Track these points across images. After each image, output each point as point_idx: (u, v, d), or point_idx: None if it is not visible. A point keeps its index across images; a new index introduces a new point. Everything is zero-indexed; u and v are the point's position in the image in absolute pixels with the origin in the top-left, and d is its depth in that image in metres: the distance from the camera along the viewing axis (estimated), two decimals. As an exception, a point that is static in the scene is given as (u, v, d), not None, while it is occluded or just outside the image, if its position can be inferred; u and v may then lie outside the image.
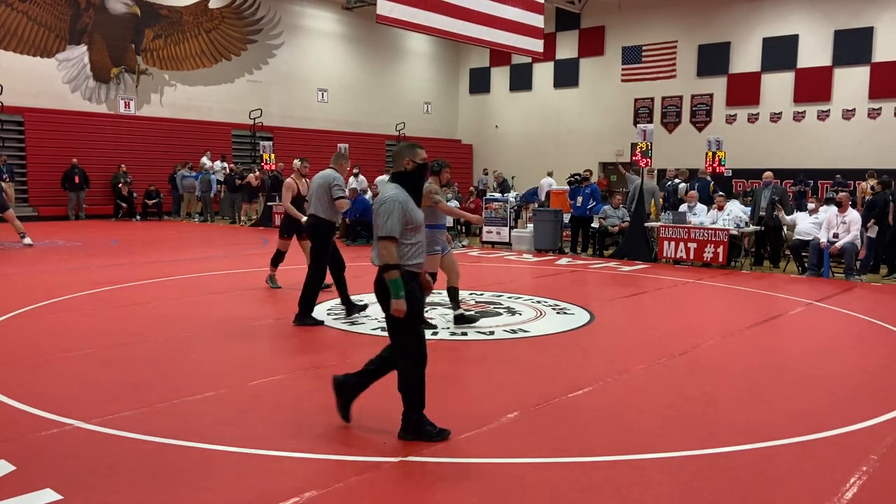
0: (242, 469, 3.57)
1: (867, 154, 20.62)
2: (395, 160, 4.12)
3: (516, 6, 18.19)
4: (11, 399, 4.49)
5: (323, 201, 6.92)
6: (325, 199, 6.90)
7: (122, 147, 20.67)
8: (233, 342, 6.18)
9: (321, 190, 6.94)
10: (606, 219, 13.49)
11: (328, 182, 6.92)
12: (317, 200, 6.96)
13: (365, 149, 24.73)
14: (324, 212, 6.92)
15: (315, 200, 6.98)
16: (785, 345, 6.52)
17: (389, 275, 3.80)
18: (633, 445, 3.92)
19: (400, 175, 4.05)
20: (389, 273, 3.80)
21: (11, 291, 8.33)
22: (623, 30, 25.62)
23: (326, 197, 6.90)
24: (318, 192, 6.96)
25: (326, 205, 6.91)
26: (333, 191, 6.91)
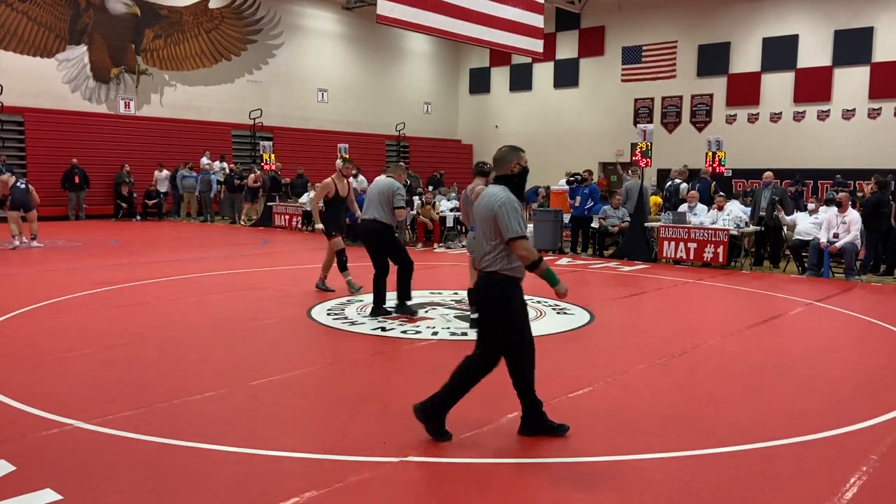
0: (242, 469, 3.57)
1: (867, 154, 20.63)
2: (500, 164, 4.03)
3: (516, 6, 18.19)
4: (11, 399, 4.49)
5: (385, 207, 7.13)
6: (388, 205, 7.12)
7: (122, 147, 20.67)
8: (233, 342, 6.18)
9: (383, 196, 7.15)
10: (606, 219, 13.49)
11: (392, 190, 7.14)
12: (378, 206, 7.15)
13: (365, 149, 24.73)
14: (385, 217, 7.15)
15: (376, 205, 7.16)
16: (785, 345, 6.52)
17: (539, 269, 3.84)
18: (633, 445, 3.92)
19: (507, 178, 3.99)
20: (539, 267, 3.83)
21: (11, 291, 8.33)
22: (623, 30, 25.63)
23: (389, 204, 7.13)
24: (379, 198, 7.17)
25: (389, 211, 7.13)
26: (395, 199, 7.16)
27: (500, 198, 3.84)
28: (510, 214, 3.78)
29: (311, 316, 7.29)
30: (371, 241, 7.24)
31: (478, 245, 3.94)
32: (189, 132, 22.15)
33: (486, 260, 3.88)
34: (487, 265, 3.88)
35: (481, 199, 3.98)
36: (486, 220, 3.87)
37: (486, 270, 3.89)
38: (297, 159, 22.34)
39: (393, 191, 7.16)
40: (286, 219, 18.05)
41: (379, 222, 7.13)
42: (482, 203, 3.93)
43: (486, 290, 3.91)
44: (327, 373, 5.37)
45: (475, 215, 4.00)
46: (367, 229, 7.22)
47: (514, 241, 3.78)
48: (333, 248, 8.48)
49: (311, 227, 17.44)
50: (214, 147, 22.35)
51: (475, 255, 4.03)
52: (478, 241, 3.95)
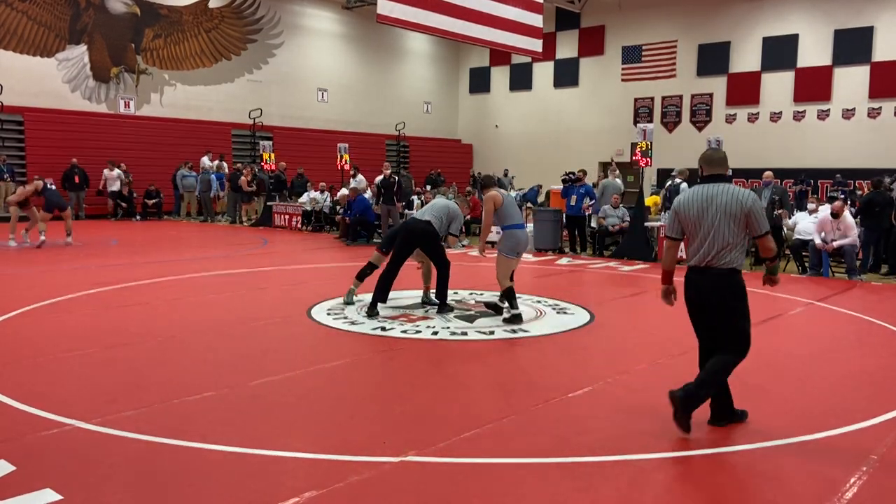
0: (242, 469, 3.57)
1: (867, 154, 20.63)
2: (714, 164, 4.24)
3: (516, 6, 18.19)
4: (11, 399, 4.49)
5: (443, 220, 7.53)
6: (446, 220, 7.53)
7: (122, 147, 20.66)
8: (233, 342, 6.18)
9: (444, 212, 7.58)
10: (606, 219, 13.49)
11: (455, 214, 7.61)
12: (437, 217, 7.53)
13: (365, 149, 24.72)
14: (439, 226, 7.53)
15: (436, 215, 7.54)
16: (785, 345, 6.51)
17: (776, 260, 4.28)
18: (633, 445, 3.92)
19: (725, 178, 4.24)
20: (775, 260, 4.25)
21: (11, 291, 8.33)
22: (623, 29, 25.63)
23: (447, 220, 7.55)
24: (440, 212, 7.58)
25: (445, 224, 7.54)
26: (453, 226, 7.62)
27: (749, 196, 4.06)
28: (761, 212, 4.09)
29: (311, 316, 7.29)
30: (420, 238, 7.46)
31: (711, 242, 4.07)
32: (189, 132, 22.15)
33: (727, 256, 4.07)
34: (728, 261, 4.07)
35: (717, 198, 4.09)
36: (734, 217, 4.04)
37: (724, 266, 4.07)
38: (297, 159, 22.34)
39: (455, 215, 7.63)
40: (286, 219, 18.05)
41: (433, 226, 7.45)
42: (722, 201, 4.07)
43: (734, 284, 4.11)
44: (327, 373, 5.37)
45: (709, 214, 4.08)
46: (421, 229, 7.46)
47: (764, 236, 4.09)
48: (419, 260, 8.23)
49: (312, 227, 17.46)
50: (214, 147, 22.35)
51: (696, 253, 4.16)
52: (713, 238, 4.07)
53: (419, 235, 7.48)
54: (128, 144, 20.79)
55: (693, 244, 4.19)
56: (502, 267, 7.17)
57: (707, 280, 4.11)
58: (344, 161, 18.82)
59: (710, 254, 4.08)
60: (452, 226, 7.59)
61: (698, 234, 4.13)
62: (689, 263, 4.23)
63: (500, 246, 7.22)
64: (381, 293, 7.37)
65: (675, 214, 4.29)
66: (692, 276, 4.21)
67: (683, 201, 4.23)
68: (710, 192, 4.14)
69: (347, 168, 18.45)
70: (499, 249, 7.25)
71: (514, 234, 7.17)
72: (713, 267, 4.08)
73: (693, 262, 4.18)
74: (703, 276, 4.12)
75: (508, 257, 7.16)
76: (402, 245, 7.51)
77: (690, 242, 4.23)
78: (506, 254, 7.16)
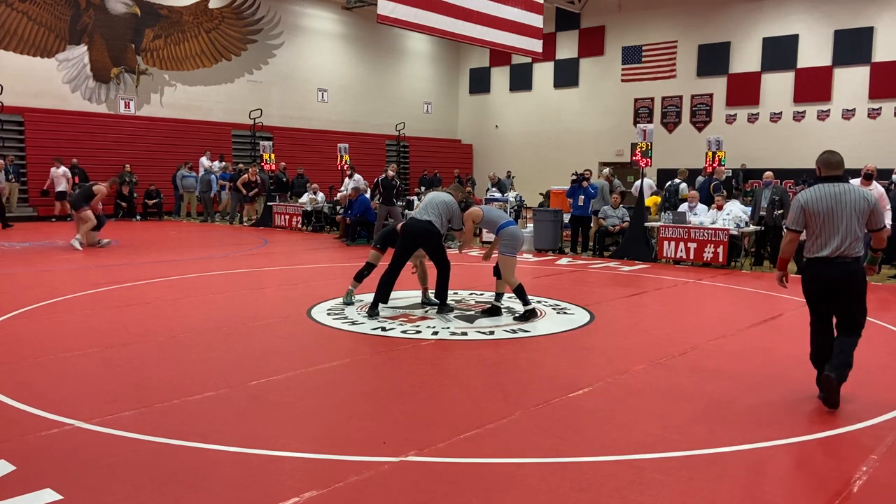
0: (242, 469, 3.57)
1: (867, 154, 20.58)
2: (832, 166, 4.69)
3: (516, 6, 18.20)
4: (11, 399, 4.49)
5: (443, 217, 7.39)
6: (445, 217, 7.41)
7: (123, 147, 20.68)
8: (233, 342, 6.18)
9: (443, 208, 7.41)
10: (606, 219, 13.49)
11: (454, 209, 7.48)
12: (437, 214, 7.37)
13: (365, 149, 24.75)
14: (440, 224, 7.38)
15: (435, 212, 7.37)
16: (785, 345, 6.51)
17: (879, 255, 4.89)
18: (633, 445, 3.92)
19: (840, 178, 4.66)
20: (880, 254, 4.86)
21: (11, 291, 8.33)
22: (623, 30, 25.64)
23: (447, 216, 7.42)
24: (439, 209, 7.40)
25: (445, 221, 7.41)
26: (455, 220, 7.52)
27: (871, 194, 4.57)
28: (879, 208, 4.59)
29: (311, 316, 7.29)
30: (422, 238, 7.36)
31: (843, 235, 4.50)
32: (189, 132, 22.16)
33: (856, 246, 4.52)
34: (857, 251, 4.52)
35: (846, 196, 4.53)
36: (862, 212, 4.51)
37: (854, 256, 4.51)
38: (297, 159, 22.35)
39: (454, 211, 7.50)
40: (286, 219, 18.05)
41: (434, 226, 7.32)
42: (851, 198, 4.51)
43: (860, 271, 4.58)
44: (327, 373, 5.37)
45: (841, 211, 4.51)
46: (423, 228, 7.33)
47: (881, 230, 4.61)
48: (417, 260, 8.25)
49: (312, 227, 17.45)
50: (214, 147, 22.36)
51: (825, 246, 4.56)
52: (847, 232, 4.50)
53: (420, 235, 7.39)
54: (128, 145, 20.80)
55: (820, 238, 4.55)
56: (508, 267, 7.29)
57: (839, 269, 4.52)
58: (344, 161, 18.84)
59: (843, 246, 4.50)
60: (453, 221, 7.51)
61: (827, 228, 4.52)
62: (816, 255, 4.57)
63: (502, 248, 7.36)
64: (383, 293, 7.35)
65: (801, 210, 4.61)
66: (820, 267, 4.57)
67: (813, 199, 4.58)
68: (837, 190, 4.57)
69: (346, 168, 18.45)
70: (500, 252, 7.36)
71: (510, 232, 7.35)
72: (846, 257, 4.50)
73: (822, 253, 4.54)
74: (835, 266, 4.52)
75: (511, 256, 7.30)
76: (404, 246, 7.45)
77: (814, 236, 4.59)
78: (508, 253, 7.30)
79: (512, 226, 7.43)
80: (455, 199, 7.57)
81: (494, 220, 7.49)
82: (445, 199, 7.53)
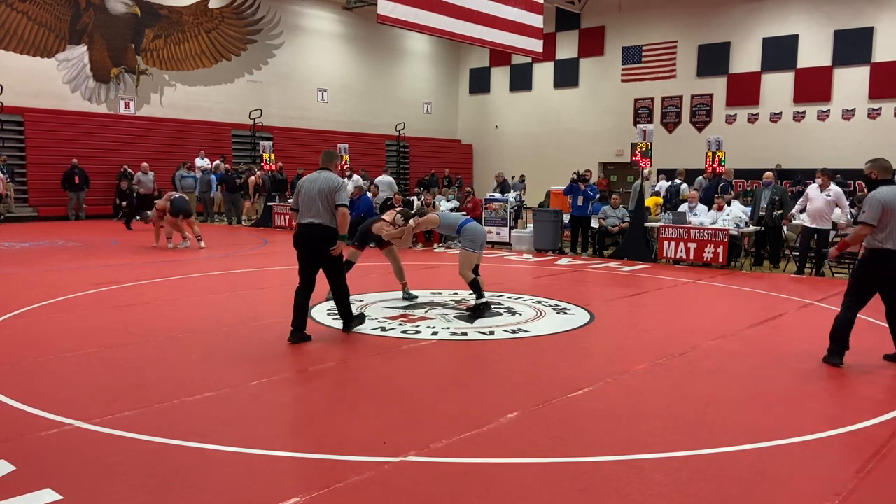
0: (242, 469, 3.57)
1: (867, 154, 20.38)
2: (888, 170, 5.55)
3: (516, 6, 18.20)
4: (11, 399, 4.49)
5: (329, 208, 6.11)
6: (332, 205, 6.11)
7: (122, 147, 20.67)
8: (233, 342, 6.17)
9: (325, 197, 6.08)
10: (606, 219, 13.49)
11: (334, 186, 6.11)
12: (323, 208, 6.09)
13: (365, 149, 24.75)
14: (331, 220, 6.14)
15: (321, 207, 6.09)
16: (785, 345, 6.51)
17: None
18: (633, 445, 3.92)
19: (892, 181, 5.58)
20: None
21: (11, 291, 8.33)
22: (623, 30, 25.64)
23: (332, 203, 6.10)
24: (323, 200, 6.07)
25: (333, 212, 6.13)
26: (338, 196, 6.10)
27: None
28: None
29: (311, 316, 7.29)
30: (317, 249, 6.18)
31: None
32: (189, 132, 22.15)
33: None
34: None
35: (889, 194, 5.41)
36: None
37: None
38: (297, 159, 22.34)
39: (335, 187, 6.10)
40: (286, 219, 18.04)
41: (324, 227, 6.11)
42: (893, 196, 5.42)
43: None
44: (327, 373, 5.37)
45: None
46: (320, 235, 6.11)
47: None
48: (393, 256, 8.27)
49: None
50: (214, 147, 22.35)
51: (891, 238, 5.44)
52: None
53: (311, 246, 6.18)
54: (128, 145, 20.80)
55: (885, 231, 5.42)
56: (465, 262, 7.44)
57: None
58: (343, 161, 18.83)
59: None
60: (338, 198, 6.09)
61: (892, 224, 5.39)
62: (885, 247, 5.43)
63: (463, 244, 7.50)
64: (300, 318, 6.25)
65: (882, 207, 5.40)
66: (888, 258, 5.44)
67: (888, 198, 5.41)
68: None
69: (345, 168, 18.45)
70: (462, 247, 7.51)
71: (470, 229, 7.47)
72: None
73: (888, 245, 5.42)
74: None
75: (471, 251, 7.44)
76: (300, 260, 6.35)
77: (887, 230, 5.41)
78: (468, 249, 7.44)
79: (470, 223, 7.55)
80: (334, 173, 6.24)
81: (452, 223, 7.60)
82: (323, 185, 6.09)
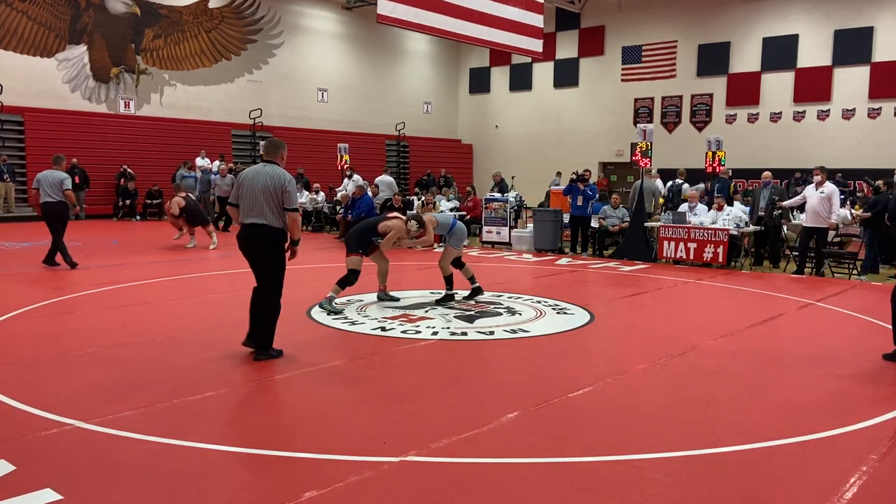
0: (242, 469, 3.57)
1: (867, 154, 20.63)
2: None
3: (516, 6, 18.20)
4: (11, 399, 4.49)
5: (275, 208, 5.45)
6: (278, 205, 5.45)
7: (123, 147, 20.67)
8: (233, 342, 6.17)
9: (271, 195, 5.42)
10: (606, 219, 13.49)
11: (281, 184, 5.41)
12: (268, 208, 5.44)
13: (365, 149, 24.74)
14: (277, 221, 5.48)
15: (265, 206, 5.43)
16: (785, 345, 6.51)
17: None
18: (633, 445, 3.92)
19: None
20: None
21: (11, 291, 8.33)
22: (623, 30, 25.63)
23: (279, 202, 5.45)
24: (267, 197, 5.41)
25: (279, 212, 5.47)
26: (286, 198, 5.41)
27: None
28: None
29: (310, 316, 7.30)
30: (261, 250, 5.59)
31: None
32: (189, 132, 22.14)
33: None
34: None
35: None
36: None
37: None
38: (297, 159, 22.33)
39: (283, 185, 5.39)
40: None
41: (270, 229, 5.46)
42: None
43: None
44: (327, 373, 5.37)
45: None
46: (260, 237, 5.48)
47: None
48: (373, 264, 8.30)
49: (310, 227, 17.46)
50: (214, 147, 22.34)
51: None
52: None
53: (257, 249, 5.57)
54: (128, 145, 20.79)
55: None
56: (449, 256, 8.05)
57: None
58: (344, 161, 18.83)
59: None
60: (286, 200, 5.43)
61: None
62: None
63: (451, 241, 8.11)
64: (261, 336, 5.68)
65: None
66: None
67: None
68: None
69: (345, 168, 18.44)
70: (449, 243, 8.12)
71: (459, 230, 8.19)
72: None
73: None
74: None
75: (457, 249, 8.11)
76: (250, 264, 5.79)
77: None
78: (455, 246, 8.09)
79: (459, 224, 8.29)
80: (280, 166, 5.59)
81: (446, 224, 8.24)
82: (268, 183, 5.40)
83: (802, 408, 4.69)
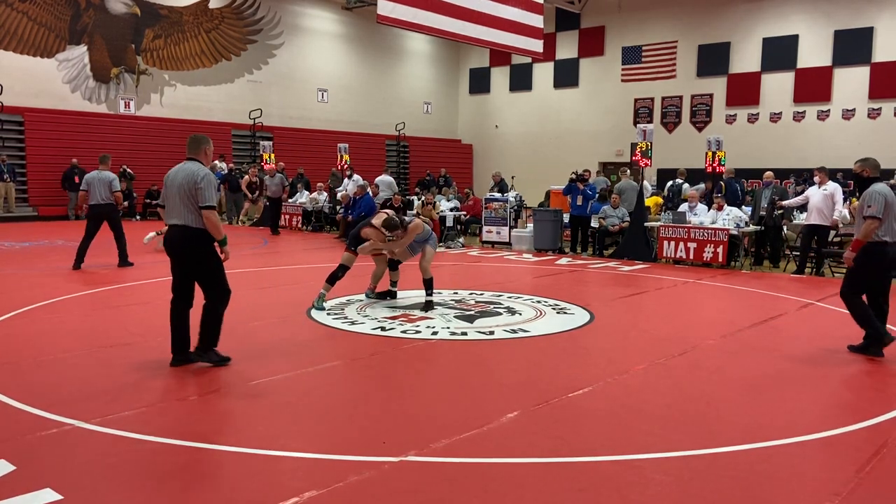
0: (242, 469, 3.57)
1: (867, 154, 20.50)
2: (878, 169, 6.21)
3: (516, 6, 18.20)
4: (11, 399, 4.49)
5: (191, 206, 5.16)
6: (193, 204, 5.16)
7: (123, 147, 20.65)
8: (233, 342, 6.17)
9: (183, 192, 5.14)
10: (606, 219, 13.49)
11: (194, 181, 5.11)
12: (185, 207, 5.15)
13: (365, 149, 24.75)
14: (195, 221, 5.17)
15: (181, 206, 5.15)
16: (785, 345, 6.51)
17: None
18: (633, 445, 3.92)
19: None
20: None
21: (11, 291, 8.33)
22: (623, 30, 25.64)
23: (193, 202, 5.15)
24: (180, 194, 5.14)
25: (196, 211, 5.17)
26: (200, 195, 5.09)
27: None
28: None
29: (310, 316, 7.30)
30: (184, 256, 5.25)
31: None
32: (189, 132, 21.89)
33: None
34: None
35: None
36: None
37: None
38: (297, 159, 22.35)
39: (195, 181, 5.08)
40: (286, 219, 18.04)
41: (189, 231, 5.14)
42: None
43: None
44: (327, 373, 5.37)
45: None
46: (179, 239, 5.17)
47: None
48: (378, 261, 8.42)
49: (312, 227, 17.46)
50: (214, 147, 22.23)
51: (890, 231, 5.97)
52: None
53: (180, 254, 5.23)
54: (128, 145, 20.79)
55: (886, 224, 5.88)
56: (429, 258, 8.05)
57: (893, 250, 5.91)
58: (344, 161, 18.83)
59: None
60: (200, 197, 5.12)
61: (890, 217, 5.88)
62: (884, 239, 5.88)
63: (431, 243, 8.14)
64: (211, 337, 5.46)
65: (886, 204, 5.86)
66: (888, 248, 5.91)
67: (890, 194, 5.93)
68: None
69: (345, 168, 18.44)
70: (429, 244, 8.12)
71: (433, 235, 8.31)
72: None
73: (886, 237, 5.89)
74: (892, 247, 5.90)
75: (434, 249, 8.19)
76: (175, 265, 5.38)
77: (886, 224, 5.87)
78: (433, 246, 8.16)
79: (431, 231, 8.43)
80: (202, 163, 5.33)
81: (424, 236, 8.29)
82: (183, 181, 5.13)
83: (802, 408, 4.69)
